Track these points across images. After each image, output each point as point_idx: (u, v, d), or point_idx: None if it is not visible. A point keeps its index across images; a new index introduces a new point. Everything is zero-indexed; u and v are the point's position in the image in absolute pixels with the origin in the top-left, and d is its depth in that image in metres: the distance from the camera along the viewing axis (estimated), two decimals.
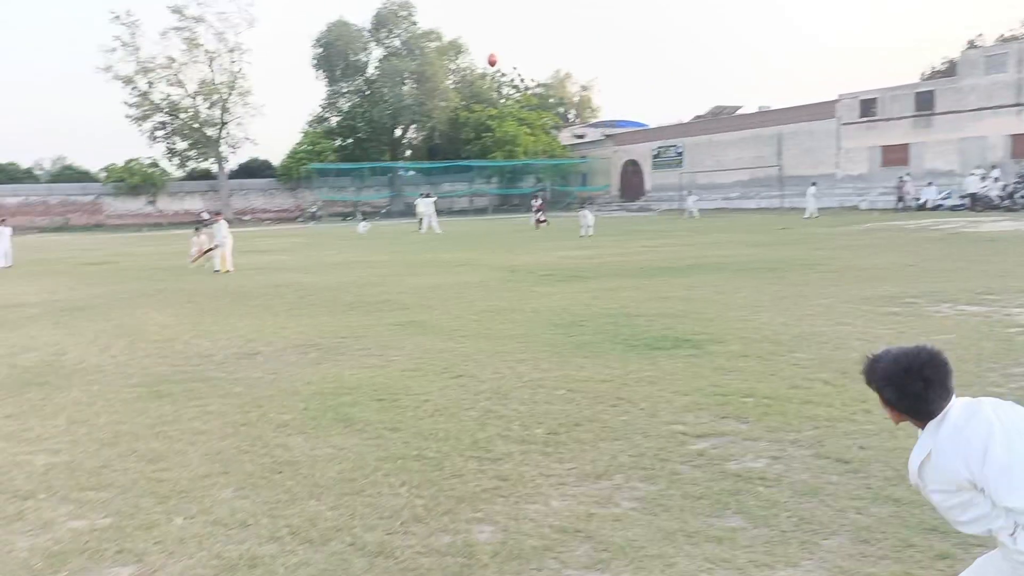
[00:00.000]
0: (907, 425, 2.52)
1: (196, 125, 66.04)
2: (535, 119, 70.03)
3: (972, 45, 61.20)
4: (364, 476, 5.00)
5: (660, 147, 64.09)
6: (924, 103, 45.69)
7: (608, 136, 71.18)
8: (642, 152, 66.05)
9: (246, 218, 65.86)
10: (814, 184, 41.16)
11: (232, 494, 4.79)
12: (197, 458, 5.45)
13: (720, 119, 62.17)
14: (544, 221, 37.32)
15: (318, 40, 69.55)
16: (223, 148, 67.17)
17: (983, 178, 38.82)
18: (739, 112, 63.67)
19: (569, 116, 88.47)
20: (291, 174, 66.67)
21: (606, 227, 37.58)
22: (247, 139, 78.89)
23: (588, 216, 31.59)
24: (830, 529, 4.04)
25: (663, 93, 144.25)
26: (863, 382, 2.56)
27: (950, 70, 65.95)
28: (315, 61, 70.51)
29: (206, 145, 66.63)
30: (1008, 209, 35.40)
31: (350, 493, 4.73)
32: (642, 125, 75.08)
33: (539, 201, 42.09)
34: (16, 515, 4.56)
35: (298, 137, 71.35)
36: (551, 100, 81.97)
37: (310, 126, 72.87)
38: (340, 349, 9.27)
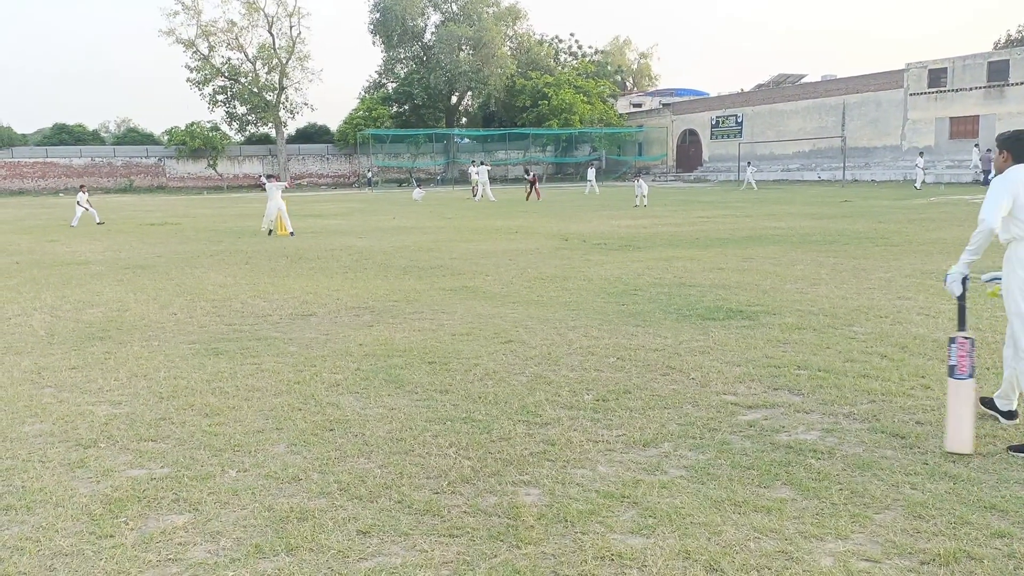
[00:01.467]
0: None
1: (255, 90, 66.83)
2: (592, 87, 69.26)
3: None
4: (413, 436, 5.05)
5: (719, 117, 62.95)
6: (997, 73, 43.95)
7: (666, 105, 70.12)
8: (700, 122, 64.96)
9: (303, 183, 66.71)
10: (922, 154, 39.94)
11: (284, 449, 4.88)
12: (251, 414, 5.56)
13: (783, 88, 60.73)
14: (528, 196, 37.73)
15: (375, 5, 69.53)
16: (282, 113, 67.94)
17: None
18: (803, 81, 62.09)
19: (627, 84, 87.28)
20: (348, 140, 67.21)
21: (661, 197, 37.17)
22: (305, 104, 79.94)
23: (643, 186, 31.35)
24: (883, 503, 3.96)
25: (724, 61, 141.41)
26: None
27: None
28: (372, 26, 70.60)
29: (265, 110, 67.45)
30: None
31: (399, 452, 4.79)
32: (702, 94, 73.75)
33: (532, 175, 42.54)
34: (79, 462, 4.72)
35: (355, 103, 71.82)
36: (609, 68, 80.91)
37: (367, 92, 73.23)
38: (392, 312, 9.36)
